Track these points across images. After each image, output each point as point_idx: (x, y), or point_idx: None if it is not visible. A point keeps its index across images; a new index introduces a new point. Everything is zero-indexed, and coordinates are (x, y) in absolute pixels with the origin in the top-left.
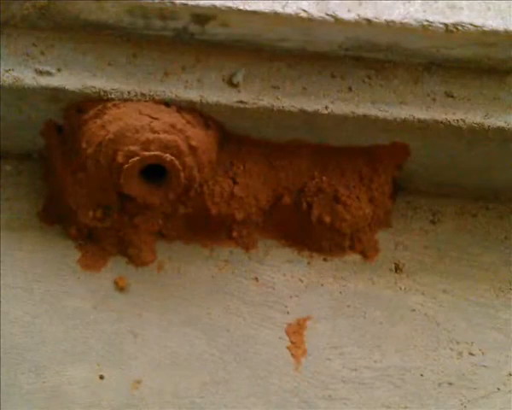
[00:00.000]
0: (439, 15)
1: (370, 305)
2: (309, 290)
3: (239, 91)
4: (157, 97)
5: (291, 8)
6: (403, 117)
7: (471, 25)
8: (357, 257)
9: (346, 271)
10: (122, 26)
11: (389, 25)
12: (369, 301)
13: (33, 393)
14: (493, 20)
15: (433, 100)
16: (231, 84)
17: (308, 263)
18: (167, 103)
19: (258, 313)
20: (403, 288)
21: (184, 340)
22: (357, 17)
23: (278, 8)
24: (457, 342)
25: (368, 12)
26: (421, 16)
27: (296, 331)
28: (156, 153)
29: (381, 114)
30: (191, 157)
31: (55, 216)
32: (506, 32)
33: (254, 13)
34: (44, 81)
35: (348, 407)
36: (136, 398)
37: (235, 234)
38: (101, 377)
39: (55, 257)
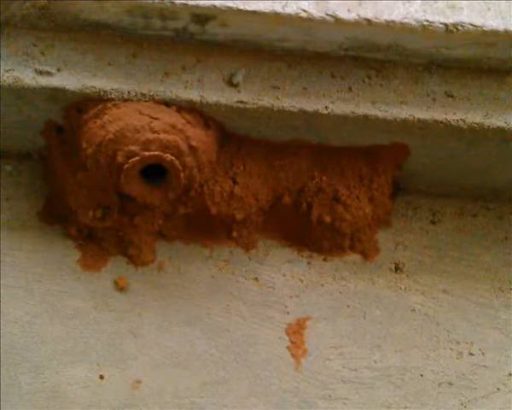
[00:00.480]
0: (439, 15)
1: (370, 305)
2: (309, 290)
3: (239, 91)
4: (157, 97)
5: (291, 8)
6: (403, 117)
7: (471, 25)
8: (357, 257)
9: (346, 271)
10: (122, 26)
11: (389, 25)
12: (369, 301)
13: (33, 393)
14: (493, 20)
15: (433, 100)
16: (231, 84)
17: (308, 263)
18: (167, 103)
19: (258, 313)
20: (403, 288)
21: (184, 340)
22: (357, 17)
23: (278, 8)
24: (457, 342)
25: (368, 12)
26: (421, 16)
27: (296, 331)
28: (156, 153)
29: (381, 114)
30: (191, 157)
31: (55, 216)
32: (506, 32)
33: (254, 13)
34: (44, 81)
35: (348, 407)
36: (136, 398)
37: (235, 234)
38: (101, 377)
39: (55, 257)
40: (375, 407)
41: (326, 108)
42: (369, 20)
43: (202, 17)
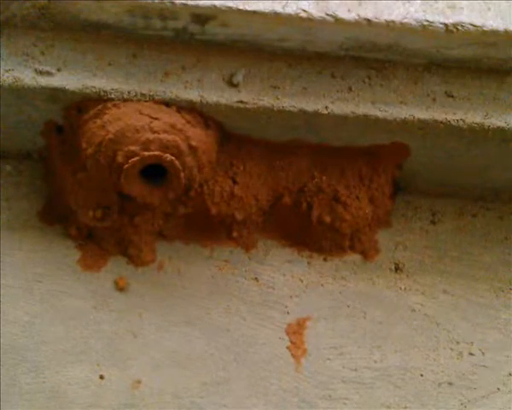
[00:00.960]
0: (439, 15)
1: (370, 305)
2: (309, 290)
3: (239, 91)
4: (157, 97)
5: (291, 8)
6: (403, 117)
7: (471, 25)
8: (357, 257)
9: (346, 271)
10: (122, 26)
11: (389, 25)
12: (369, 301)
13: (33, 393)
14: (493, 20)
15: (433, 100)
16: (231, 84)
17: (308, 263)
18: (167, 103)
19: (258, 313)
20: (403, 288)
21: (184, 340)
22: (357, 17)
23: (278, 8)
24: (457, 342)
25: (368, 12)
26: (421, 16)
27: (296, 331)
28: (156, 153)
29: (380, 114)
30: (191, 157)
31: (55, 216)
32: (506, 32)
33: (254, 13)
34: (44, 81)
35: (348, 407)
36: (136, 398)
37: (235, 234)
38: (101, 377)
39: (55, 257)
40: (375, 407)
41: (326, 108)
42: (369, 20)
43: (202, 17)
